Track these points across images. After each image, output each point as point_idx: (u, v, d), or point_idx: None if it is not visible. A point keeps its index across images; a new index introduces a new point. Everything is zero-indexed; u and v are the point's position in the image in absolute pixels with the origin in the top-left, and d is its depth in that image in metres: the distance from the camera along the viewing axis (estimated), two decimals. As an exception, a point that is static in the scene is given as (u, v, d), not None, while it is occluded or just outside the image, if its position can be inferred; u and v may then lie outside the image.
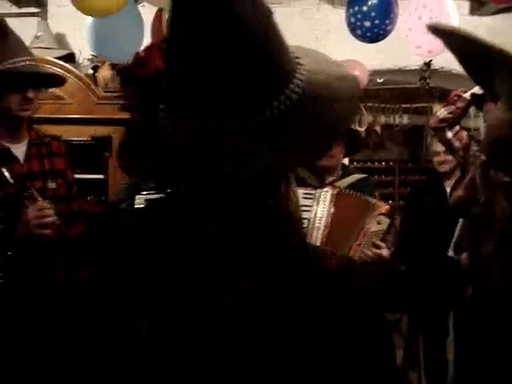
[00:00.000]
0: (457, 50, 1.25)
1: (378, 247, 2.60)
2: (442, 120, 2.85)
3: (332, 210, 2.60)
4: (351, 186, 2.79)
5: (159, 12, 3.23)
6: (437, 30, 1.21)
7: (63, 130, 2.96)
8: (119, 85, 0.95)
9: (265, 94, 0.86)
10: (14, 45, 2.63)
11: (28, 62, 2.61)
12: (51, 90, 3.68)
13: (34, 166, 2.70)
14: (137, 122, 0.93)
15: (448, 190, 4.20)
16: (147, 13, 3.68)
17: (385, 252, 2.60)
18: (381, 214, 2.64)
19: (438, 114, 2.89)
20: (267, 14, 0.84)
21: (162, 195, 3.16)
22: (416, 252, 3.84)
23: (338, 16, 4.09)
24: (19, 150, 2.68)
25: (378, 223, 2.63)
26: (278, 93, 0.86)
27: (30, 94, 2.61)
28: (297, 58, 0.92)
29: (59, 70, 3.95)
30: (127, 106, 0.93)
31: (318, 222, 2.59)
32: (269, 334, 0.78)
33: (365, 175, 3.01)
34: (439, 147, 4.19)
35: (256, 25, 0.82)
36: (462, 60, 1.26)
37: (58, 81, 2.96)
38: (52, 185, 2.71)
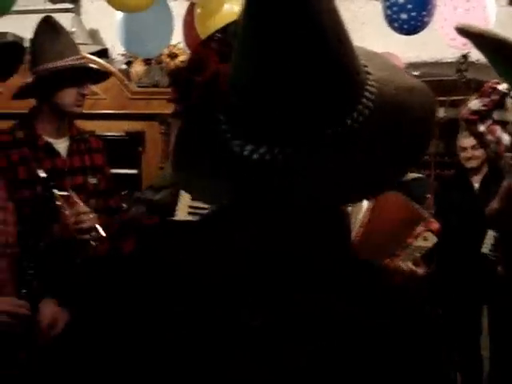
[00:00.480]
0: (487, 52, 1.19)
1: (417, 264, 2.42)
2: (475, 112, 2.75)
3: (372, 206, 2.37)
4: (402, 184, 2.62)
5: (191, 6, 3.21)
6: (465, 33, 1.15)
7: (97, 126, 2.97)
8: (171, 89, 0.90)
9: (338, 110, 0.78)
10: (66, 42, 2.68)
11: (80, 60, 2.67)
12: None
13: (76, 161, 2.75)
14: (190, 130, 0.88)
15: (476, 185, 4.13)
16: (178, 7, 3.67)
17: (420, 271, 2.43)
18: (429, 231, 2.41)
19: (470, 105, 2.79)
20: (339, 17, 0.78)
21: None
22: (448, 248, 3.77)
23: (374, 8, 4.02)
24: (61, 145, 2.73)
25: (425, 239, 2.40)
26: (351, 108, 0.79)
27: (85, 90, 2.66)
28: (365, 65, 0.83)
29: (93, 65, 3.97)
30: (180, 113, 0.89)
31: (353, 217, 2.38)
32: (319, 348, 0.74)
33: (420, 175, 2.86)
34: (466, 143, 4.12)
35: (330, 29, 0.75)
36: (493, 62, 1.20)
37: (104, 76, 3.03)
38: (93, 180, 2.75)
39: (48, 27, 2.68)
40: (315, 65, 0.75)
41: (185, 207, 3.10)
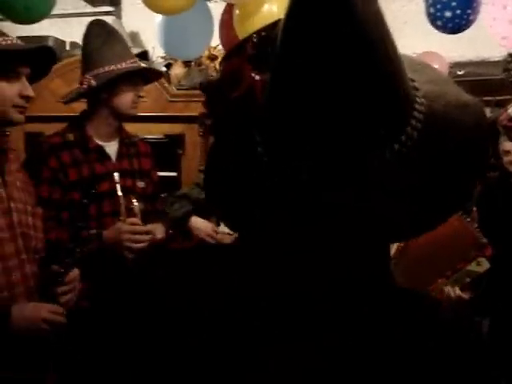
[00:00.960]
0: None
1: (464, 289, 2.34)
2: None
3: None
4: None
5: (229, 7, 3.18)
6: None
7: (137, 128, 2.97)
8: (205, 105, 0.85)
9: (386, 132, 0.71)
10: (123, 45, 2.73)
11: (136, 63, 2.70)
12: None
13: (125, 164, 2.78)
14: (224, 147, 0.83)
15: None
16: (217, 8, 3.64)
17: (467, 296, 2.33)
18: (483, 256, 2.32)
19: (509, 111, 2.68)
20: (386, 25, 0.70)
21: None
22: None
23: (416, 6, 3.93)
24: (111, 148, 2.74)
25: (478, 264, 2.31)
26: (399, 130, 0.71)
27: (141, 92, 2.68)
28: (412, 80, 0.76)
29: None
30: (215, 128, 0.84)
31: None
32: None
33: None
34: (508, 146, 3.99)
35: (376, 40, 0.68)
36: None
37: (158, 76, 3.08)
38: (141, 184, 2.77)
39: (102, 30, 2.70)
40: (360, 83, 0.68)
41: None
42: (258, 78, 0.76)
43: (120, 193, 2.66)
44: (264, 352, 0.72)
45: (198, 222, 3.11)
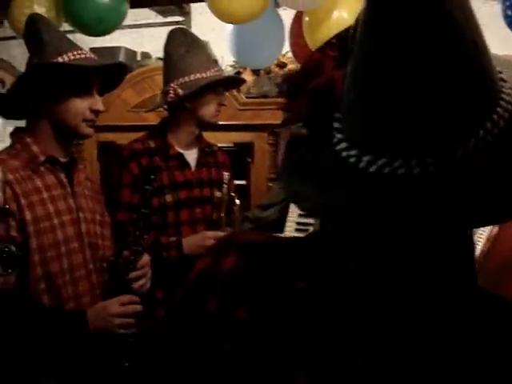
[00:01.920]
0: None
1: None
2: None
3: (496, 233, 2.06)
4: None
5: (298, 15, 3.15)
6: None
7: (206, 136, 2.97)
8: (285, 96, 0.84)
9: (472, 118, 0.69)
10: (207, 54, 2.78)
11: (220, 71, 2.72)
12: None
13: (203, 173, 2.79)
14: (300, 139, 0.81)
15: None
16: (286, 16, 3.62)
17: None
18: None
19: None
20: (472, 13, 0.69)
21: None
22: None
23: (492, 9, 3.80)
24: (191, 156, 2.76)
25: None
26: (485, 118, 0.70)
27: (224, 101, 2.69)
28: (499, 72, 0.75)
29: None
30: (292, 119, 0.82)
31: (478, 235, 2.12)
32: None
33: None
34: None
35: (464, 28, 0.67)
36: None
37: (240, 82, 3.10)
38: (218, 194, 2.76)
39: (185, 38, 2.71)
40: (447, 69, 0.67)
41: (293, 224, 3.09)
42: (338, 72, 0.74)
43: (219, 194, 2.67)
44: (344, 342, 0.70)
45: None
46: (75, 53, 2.04)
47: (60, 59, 2.01)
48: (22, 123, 2.21)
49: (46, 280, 2.01)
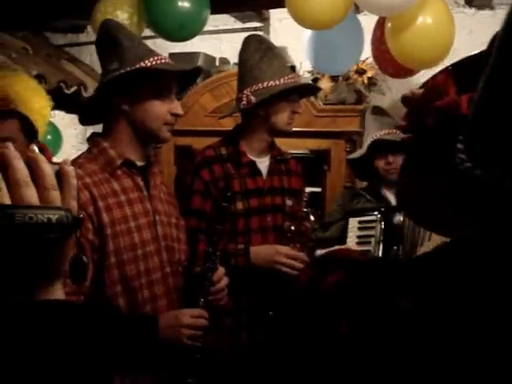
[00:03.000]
0: None
1: None
2: None
3: None
4: None
5: (381, 20, 3.09)
6: None
7: (282, 143, 2.94)
8: (404, 117, 0.84)
9: None
10: (282, 61, 2.76)
11: (295, 78, 2.71)
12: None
13: (275, 181, 2.77)
14: (422, 155, 0.80)
15: None
16: (367, 21, 3.56)
17: None
18: None
19: None
20: None
21: (378, 217, 3.01)
22: None
23: None
24: (263, 164, 2.75)
25: None
26: None
27: (299, 109, 2.67)
28: None
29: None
30: (412, 140, 0.81)
31: None
32: None
33: None
34: None
35: None
36: None
37: (316, 91, 3.11)
38: (289, 202, 2.73)
39: (260, 45, 2.70)
40: None
41: (353, 238, 3.05)
42: (462, 96, 0.74)
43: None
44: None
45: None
46: (156, 58, 2.06)
47: (143, 64, 2.03)
48: (98, 128, 2.24)
49: (123, 282, 2.03)
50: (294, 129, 4.04)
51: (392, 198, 3.17)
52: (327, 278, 0.77)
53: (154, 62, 2.05)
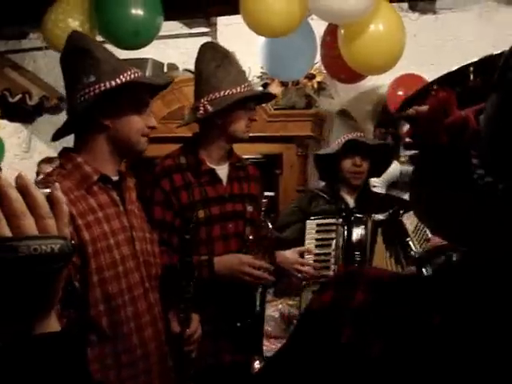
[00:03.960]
0: None
1: None
2: None
3: None
4: None
5: (331, 27, 3.13)
6: None
7: (235, 148, 2.95)
8: (409, 134, 0.86)
9: None
10: (238, 69, 2.73)
11: (251, 86, 2.69)
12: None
13: (235, 188, 2.76)
14: (431, 167, 0.82)
15: None
16: (317, 26, 3.60)
17: None
18: None
19: None
20: None
21: (335, 221, 3.02)
22: None
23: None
24: (222, 171, 2.73)
25: None
26: None
27: (255, 116, 2.67)
28: None
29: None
30: (421, 156, 0.83)
31: None
32: None
33: None
34: None
35: None
36: None
37: (270, 98, 3.08)
38: (250, 208, 2.73)
39: (216, 54, 2.69)
40: None
41: (312, 240, 3.08)
42: (469, 110, 0.76)
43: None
44: None
45: (281, 253, 3.06)
46: (132, 71, 2.04)
47: (122, 78, 2.01)
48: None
49: (105, 301, 1.98)
50: (246, 134, 4.09)
51: (350, 201, 3.18)
52: (355, 296, 0.77)
53: (132, 76, 2.03)
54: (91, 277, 1.95)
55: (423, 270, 2.59)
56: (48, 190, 0.81)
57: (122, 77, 2.01)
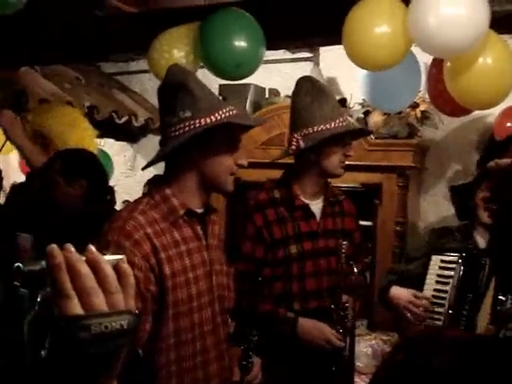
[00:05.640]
0: None
1: None
2: None
3: None
4: None
5: (438, 59, 3.03)
6: None
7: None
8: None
9: None
10: (334, 104, 2.73)
11: (346, 121, 2.67)
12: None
13: (329, 223, 2.76)
14: None
15: None
16: (421, 55, 3.50)
17: None
18: None
19: None
20: None
21: (457, 259, 2.91)
22: None
23: None
24: (316, 206, 2.73)
25: None
26: None
27: (350, 151, 2.65)
28: None
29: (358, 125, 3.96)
30: (504, 211, 0.81)
31: None
32: None
33: None
34: None
35: None
36: None
37: (366, 134, 3.19)
38: (343, 244, 2.70)
39: (312, 87, 2.69)
40: None
41: (433, 276, 2.99)
42: None
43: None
44: None
45: (398, 290, 2.99)
46: (228, 109, 2.05)
47: (217, 115, 2.02)
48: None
49: (176, 335, 2.01)
50: (347, 162, 4.04)
51: (481, 241, 2.99)
52: (433, 360, 0.73)
53: (227, 114, 2.04)
54: (167, 310, 1.98)
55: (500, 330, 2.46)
56: (116, 257, 0.83)
57: (217, 114, 2.02)
